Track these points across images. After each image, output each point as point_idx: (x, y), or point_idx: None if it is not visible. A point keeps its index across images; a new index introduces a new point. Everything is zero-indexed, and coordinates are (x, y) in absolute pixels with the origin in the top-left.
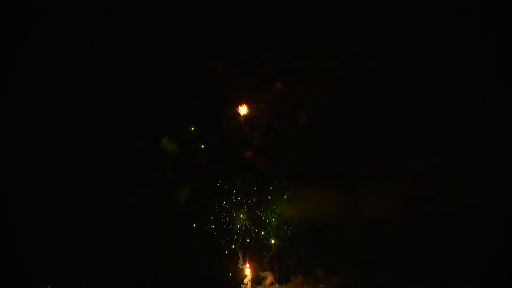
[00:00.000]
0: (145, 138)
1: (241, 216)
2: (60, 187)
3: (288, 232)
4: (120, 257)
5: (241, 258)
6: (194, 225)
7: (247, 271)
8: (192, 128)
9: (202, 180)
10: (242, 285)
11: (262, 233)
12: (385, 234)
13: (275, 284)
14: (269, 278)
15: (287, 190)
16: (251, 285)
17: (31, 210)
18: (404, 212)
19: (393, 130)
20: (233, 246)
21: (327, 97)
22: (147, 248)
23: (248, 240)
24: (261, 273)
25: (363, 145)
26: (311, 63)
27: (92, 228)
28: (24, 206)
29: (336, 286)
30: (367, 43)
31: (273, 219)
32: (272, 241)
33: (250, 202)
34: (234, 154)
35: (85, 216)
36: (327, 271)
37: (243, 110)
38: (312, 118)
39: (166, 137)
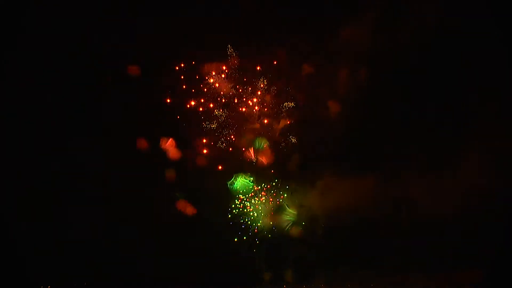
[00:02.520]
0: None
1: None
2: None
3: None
4: (120, 257)
5: (257, 255)
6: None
7: (263, 267)
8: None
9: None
10: (257, 283)
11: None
12: (425, 232)
13: (291, 283)
14: (287, 277)
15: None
16: (267, 284)
17: (31, 210)
18: (451, 208)
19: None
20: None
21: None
22: (151, 247)
23: (268, 235)
24: (278, 271)
25: (408, 131)
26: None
27: (92, 227)
28: (24, 206)
29: (362, 285)
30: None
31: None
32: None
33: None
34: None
35: (85, 215)
36: (353, 269)
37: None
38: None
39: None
